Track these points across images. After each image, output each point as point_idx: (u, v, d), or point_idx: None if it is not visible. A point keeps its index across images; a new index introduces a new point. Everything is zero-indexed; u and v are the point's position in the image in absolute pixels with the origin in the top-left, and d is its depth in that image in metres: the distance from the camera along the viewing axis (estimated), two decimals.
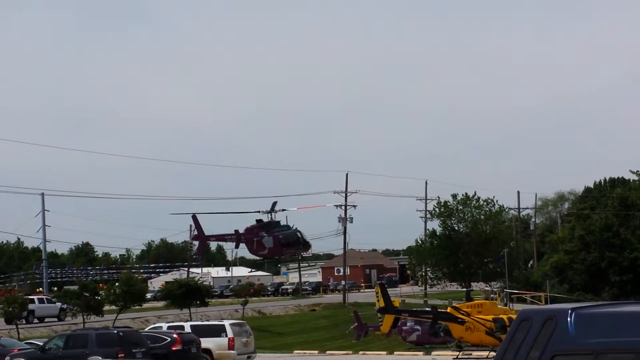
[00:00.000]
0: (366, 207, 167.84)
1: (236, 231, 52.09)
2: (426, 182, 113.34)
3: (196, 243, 64.22)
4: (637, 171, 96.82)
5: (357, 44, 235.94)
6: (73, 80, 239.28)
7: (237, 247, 52.12)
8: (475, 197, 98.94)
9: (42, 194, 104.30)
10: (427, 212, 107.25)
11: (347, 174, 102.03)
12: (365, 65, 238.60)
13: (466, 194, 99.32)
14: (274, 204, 52.78)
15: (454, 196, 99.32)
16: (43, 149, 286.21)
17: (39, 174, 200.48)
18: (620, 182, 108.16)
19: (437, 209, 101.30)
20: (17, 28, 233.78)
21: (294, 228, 53.36)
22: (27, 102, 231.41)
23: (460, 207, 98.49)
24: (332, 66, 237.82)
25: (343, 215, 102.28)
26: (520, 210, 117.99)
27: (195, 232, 51.65)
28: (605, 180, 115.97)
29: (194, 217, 51.54)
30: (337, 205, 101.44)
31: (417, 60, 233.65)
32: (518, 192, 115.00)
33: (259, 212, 51.91)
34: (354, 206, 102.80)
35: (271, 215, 52.27)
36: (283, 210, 52.57)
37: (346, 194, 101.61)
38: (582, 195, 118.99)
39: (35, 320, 70.12)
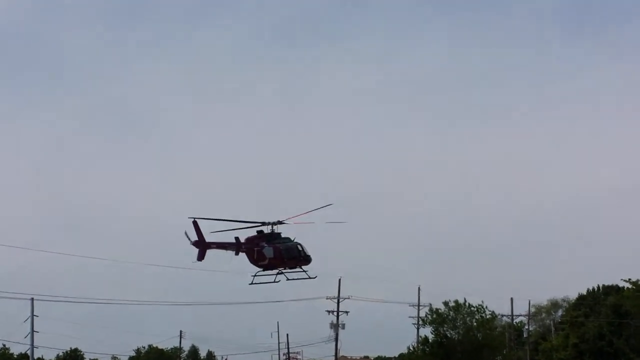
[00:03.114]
0: (358, 312, 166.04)
1: (237, 238, 52.08)
2: (419, 288, 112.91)
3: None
4: (629, 279, 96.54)
5: (353, 145, 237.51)
6: (63, 183, 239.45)
7: (237, 254, 52.18)
8: (467, 304, 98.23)
9: (32, 299, 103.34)
10: (420, 319, 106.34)
11: (339, 279, 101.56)
12: (360, 169, 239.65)
13: (457, 301, 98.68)
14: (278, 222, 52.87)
15: (446, 303, 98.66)
16: (32, 252, 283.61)
17: (29, 278, 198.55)
18: (613, 290, 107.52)
19: (429, 316, 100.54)
20: (11, 132, 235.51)
21: (294, 241, 53.40)
22: (16, 205, 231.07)
23: (452, 314, 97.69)
24: (327, 167, 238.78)
25: (335, 322, 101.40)
26: (514, 317, 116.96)
27: (196, 238, 51.74)
28: (599, 287, 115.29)
29: (195, 223, 51.62)
30: (329, 311, 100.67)
31: (411, 165, 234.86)
32: (511, 299, 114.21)
33: (261, 224, 52.11)
34: (346, 312, 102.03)
35: (272, 227, 52.39)
36: (281, 222, 52.60)
37: (338, 300, 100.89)
38: (575, 302, 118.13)
39: None
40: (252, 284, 52.93)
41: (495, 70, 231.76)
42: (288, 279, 52.97)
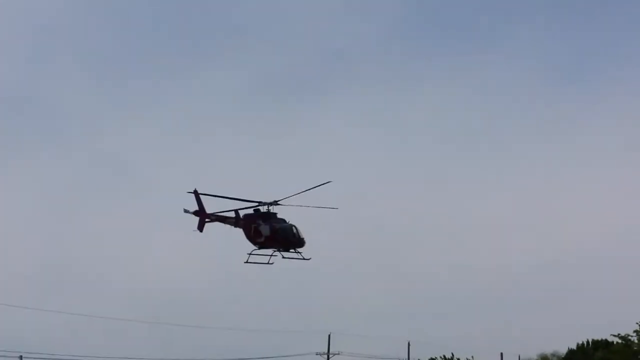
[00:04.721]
0: None
1: (236, 212, 53.74)
2: (409, 344, 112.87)
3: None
4: (619, 334, 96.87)
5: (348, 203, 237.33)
6: (50, 239, 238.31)
7: (236, 226, 54.16)
8: (454, 359, 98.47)
9: (20, 357, 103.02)
10: None
11: (329, 335, 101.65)
12: (349, 222, 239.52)
13: (444, 356, 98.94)
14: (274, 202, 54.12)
15: (433, 359, 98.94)
16: (20, 309, 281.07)
17: (18, 334, 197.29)
18: (602, 345, 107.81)
19: None
20: None
21: (290, 222, 54.97)
22: (3, 261, 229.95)
23: None
24: (317, 220, 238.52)
25: None
26: None
27: (197, 208, 53.64)
28: (588, 342, 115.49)
29: (196, 193, 53.58)
30: None
31: (401, 219, 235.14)
32: (501, 354, 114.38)
33: (259, 203, 53.75)
34: None
35: (268, 207, 54.11)
36: (277, 203, 54.02)
37: (328, 356, 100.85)
38: (565, 357, 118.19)
39: None
40: (247, 262, 54.43)
41: (495, 123, 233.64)
42: (284, 257, 54.45)
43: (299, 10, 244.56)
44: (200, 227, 54.78)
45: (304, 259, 55.02)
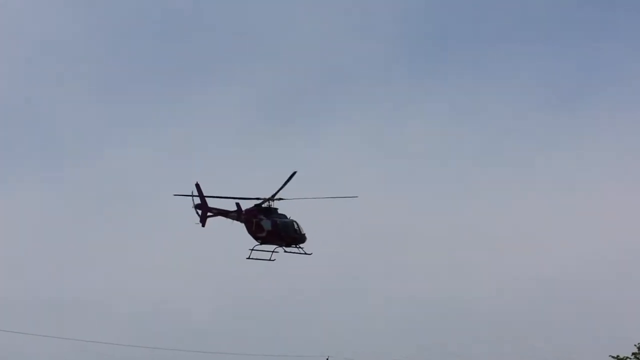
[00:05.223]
0: None
1: (238, 204, 53.64)
2: None
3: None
4: (618, 356, 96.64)
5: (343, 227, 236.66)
6: (54, 264, 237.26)
7: (238, 220, 53.78)
8: None
9: None
10: None
11: (327, 359, 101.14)
12: (344, 243, 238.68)
13: None
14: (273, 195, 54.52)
15: None
16: (24, 335, 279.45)
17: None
18: None
19: None
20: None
21: (290, 218, 55.04)
22: (5, 286, 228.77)
23: None
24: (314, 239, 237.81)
25: None
26: None
27: (198, 202, 53.18)
28: None
29: (197, 186, 53.11)
30: None
31: (396, 235, 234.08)
32: None
33: (258, 198, 53.69)
34: None
35: (269, 202, 53.90)
36: (280, 199, 54.11)
37: None
38: None
39: None
40: (249, 258, 54.10)
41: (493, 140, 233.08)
42: (286, 251, 54.08)
43: (299, 27, 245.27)
44: (203, 222, 54.59)
45: (305, 254, 54.84)
